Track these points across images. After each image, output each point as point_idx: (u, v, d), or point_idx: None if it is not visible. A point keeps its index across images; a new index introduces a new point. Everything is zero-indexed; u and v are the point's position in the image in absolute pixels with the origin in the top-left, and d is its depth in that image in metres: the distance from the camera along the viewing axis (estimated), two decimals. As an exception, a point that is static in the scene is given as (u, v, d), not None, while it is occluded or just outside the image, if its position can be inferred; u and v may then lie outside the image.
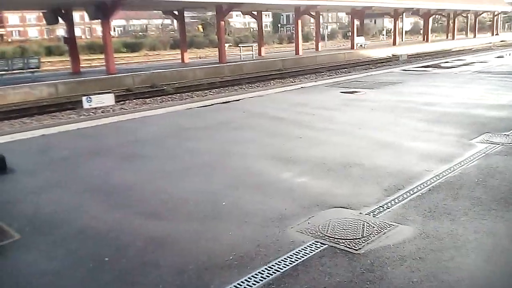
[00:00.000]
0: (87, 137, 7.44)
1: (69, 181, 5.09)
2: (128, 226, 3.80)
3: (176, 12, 27.61)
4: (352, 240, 3.41)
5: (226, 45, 28.40)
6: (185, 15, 29.05)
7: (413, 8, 38.49)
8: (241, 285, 2.87)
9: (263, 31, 35.20)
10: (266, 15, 56.06)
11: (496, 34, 55.26)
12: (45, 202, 4.46)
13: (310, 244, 3.37)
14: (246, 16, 41.08)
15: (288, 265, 3.08)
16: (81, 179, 5.13)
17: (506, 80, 12.64)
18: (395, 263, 3.05)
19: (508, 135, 6.36)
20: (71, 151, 6.39)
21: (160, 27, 70.95)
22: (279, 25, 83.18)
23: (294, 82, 19.14)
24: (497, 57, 21.74)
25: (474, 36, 51.57)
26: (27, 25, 75.77)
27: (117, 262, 3.22)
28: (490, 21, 60.15)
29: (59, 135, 7.56)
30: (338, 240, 3.42)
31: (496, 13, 54.81)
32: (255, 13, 32.04)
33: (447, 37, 52.05)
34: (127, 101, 16.50)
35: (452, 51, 36.11)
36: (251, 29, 68.70)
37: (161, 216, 4.01)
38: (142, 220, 3.93)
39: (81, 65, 24.46)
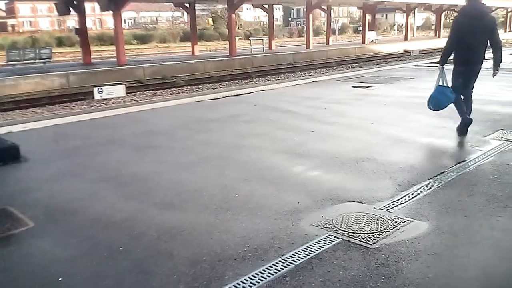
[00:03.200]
0: (100, 127, 7.47)
1: (83, 170, 5.11)
2: (142, 216, 3.82)
3: (187, 5, 27.58)
4: (366, 235, 3.39)
5: (236, 38, 28.32)
6: (195, 7, 29.01)
7: (425, 3, 38.10)
8: (255, 277, 2.87)
9: (274, 25, 35.06)
10: (276, 9, 55.79)
11: (509, 31, 54.57)
12: (59, 190, 4.49)
13: (324, 238, 3.36)
14: (257, 9, 40.95)
15: (302, 258, 3.07)
16: (95, 169, 5.15)
17: (520, 77, 12.47)
18: (410, 258, 3.04)
19: (523, 132, 6.29)
20: (84, 141, 6.42)
21: (170, 19, 70.88)
22: (290, 19, 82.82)
23: (305, 76, 19.08)
24: (510, 54, 21.47)
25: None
26: (38, 16, 76.15)
27: (132, 251, 3.24)
28: (503, 17, 59.37)
29: (72, 125, 7.60)
30: (352, 234, 3.41)
31: (509, 9, 54.08)
32: (266, 6, 31.91)
33: (459, 33, 51.34)
34: (138, 92, 16.55)
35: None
36: (262, 23, 68.45)
37: (175, 206, 4.02)
38: (156, 210, 3.94)
39: (92, 56, 24.54)
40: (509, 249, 3.19)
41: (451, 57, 6.12)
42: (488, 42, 6.00)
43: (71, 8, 22.67)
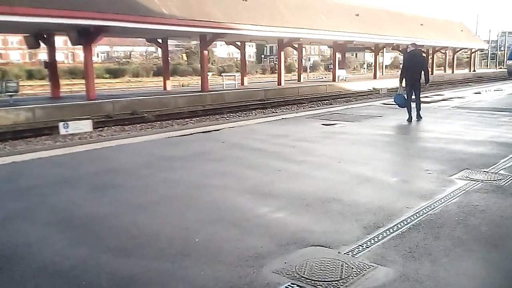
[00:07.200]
0: (60, 165, 7.18)
1: (35, 212, 4.83)
2: (93, 263, 3.57)
3: (160, 40, 27.69)
4: (330, 282, 3.24)
5: (209, 74, 28.45)
6: (169, 43, 29.13)
7: (393, 43, 39.31)
8: (210, 332, 2.67)
9: (247, 61, 35.45)
10: (250, 46, 56.68)
11: (473, 71, 56.75)
12: (6, 235, 4.20)
13: (286, 287, 3.19)
14: (230, 46, 41.45)
15: (261, 310, 2.89)
16: (48, 211, 4.87)
17: (484, 116, 12.80)
18: (374, 309, 2.89)
19: (487, 171, 6.33)
20: (40, 180, 6.13)
21: (144, 54, 71.09)
22: (263, 55, 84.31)
23: (276, 112, 19.15)
24: (475, 93, 22.17)
25: (452, 72, 52.82)
26: (9, 48, 75.36)
27: (78, 304, 3.00)
28: (467, 57, 61.87)
29: (31, 163, 7.28)
30: (316, 282, 3.25)
31: (473, 50, 56.42)
32: (238, 43, 32.32)
33: (426, 72, 53.05)
34: (106, 127, 16.22)
35: (431, 86, 36.82)
36: (235, 59, 69.31)
37: (130, 252, 3.79)
38: (110, 256, 3.70)
39: (61, 90, 24.16)
40: (475, 297, 3.09)
41: None
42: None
43: (40, 42, 22.41)
